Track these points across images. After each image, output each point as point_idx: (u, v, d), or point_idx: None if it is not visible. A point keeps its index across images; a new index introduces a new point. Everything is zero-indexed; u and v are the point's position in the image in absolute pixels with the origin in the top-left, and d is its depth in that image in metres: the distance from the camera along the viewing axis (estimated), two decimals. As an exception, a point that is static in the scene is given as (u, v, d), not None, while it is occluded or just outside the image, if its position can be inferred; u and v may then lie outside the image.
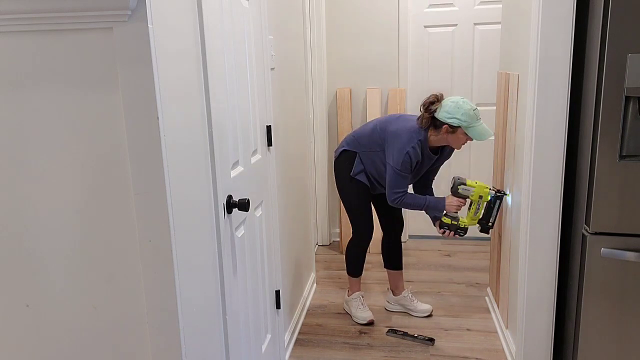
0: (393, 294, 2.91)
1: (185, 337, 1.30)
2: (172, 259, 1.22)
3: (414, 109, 3.85)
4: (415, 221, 4.01)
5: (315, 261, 3.52)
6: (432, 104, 2.41)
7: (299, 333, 2.72)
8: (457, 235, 2.55)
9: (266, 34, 2.07)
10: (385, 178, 2.55)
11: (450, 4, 3.66)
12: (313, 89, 3.66)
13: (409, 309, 2.86)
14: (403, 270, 2.92)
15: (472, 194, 2.47)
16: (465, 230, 2.55)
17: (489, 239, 3.51)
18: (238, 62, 1.75)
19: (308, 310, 2.97)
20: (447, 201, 2.51)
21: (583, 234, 1.88)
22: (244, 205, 1.63)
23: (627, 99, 1.72)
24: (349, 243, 2.82)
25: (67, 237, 1.24)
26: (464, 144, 2.44)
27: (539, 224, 2.03)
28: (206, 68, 1.45)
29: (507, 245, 2.48)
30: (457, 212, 2.53)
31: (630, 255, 1.80)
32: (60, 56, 1.14)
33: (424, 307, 2.85)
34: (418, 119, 2.47)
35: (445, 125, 2.37)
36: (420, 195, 2.54)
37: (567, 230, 2.05)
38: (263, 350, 2.07)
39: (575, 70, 1.93)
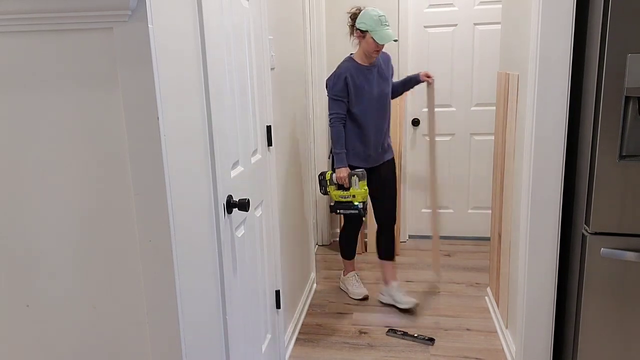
0: (385, 284, 3.00)
1: (185, 337, 1.30)
2: (172, 259, 1.22)
3: (414, 109, 3.85)
4: (416, 221, 4.02)
5: (315, 261, 3.52)
6: (355, 13, 2.69)
7: (299, 333, 2.72)
8: (320, 190, 2.84)
9: (266, 34, 2.07)
10: (366, 128, 2.74)
11: (450, 4, 3.66)
12: (313, 89, 3.66)
13: (395, 300, 2.91)
14: (395, 263, 3.09)
15: (353, 188, 2.71)
16: (325, 192, 2.82)
17: (489, 238, 3.51)
18: (238, 62, 1.75)
19: (308, 310, 2.97)
20: (340, 170, 2.71)
21: (583, 234, 1.88)
22: (244, 205, 1.63)
23: (627, 99, 1.72)
24: (341, 229, 3.06)
25: (67, 237, 1.24)
26: (375, 51, 2.64)
27: (539, 224, 2.03)
28: (206, 68, 1.45)
29: (507, 245, 2.48)
30: (337, 182, 2.74)
31: (630, 255, 1.80)
32: (60, 56, 1.14)
33: (407, 298, 2.88)
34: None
35: (357, 31, 2.66)
36: (343, 142, 2.71)
37: (567, 230, 2.05)
38: (263, 350, 2.07)
39: (575, 70, 1.93)
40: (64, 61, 1.15)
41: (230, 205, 1.63)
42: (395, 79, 3.44)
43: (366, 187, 2.71)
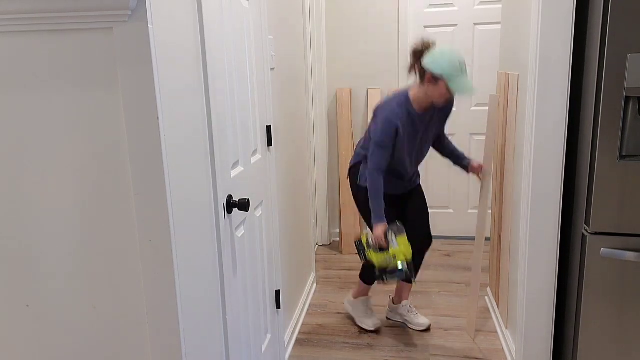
0: (393, 302, 2.80)
1: (185, 337, 1.30)
2: (172, 259, 1.22)
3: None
4: (415, 221, 4.01)
5: (315, 261, 3.52)
6: (421, 52, 2.29)
7: (299, 333, 2.72)
8: (360, 258, 2.46)
9: (266, 34, 2.07)
10: (398, 164, 2.39)
11: (450, 4, 3.66)
12: (313, 89, 3.66)
13: (406, 320, 2.75)
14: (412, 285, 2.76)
15: (391, 247, 2.31)
16: (365, 259, 2.42)
17: (489, 238, 3.51)
18: (238, 62, 1.75)
19: (308, 310, 2.97)
20: (376, 227, 2.34)
21: (583, 234, 1.88)
22: (244, 205, 1.63)
23: (627, 99, 1.72)
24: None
25: (67, 237, 1.24)
26: (445, 100, 2.27)
27: (539, 224, 2.02)
28: (206, 68, 1.45)
29: (507, 245, 2.48)
30: (374, 242, 2.36)
31: (630, 255, 1.80)
32: (60, 56, 1.14)
33: (422, 320, 2.72)
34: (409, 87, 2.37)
35: (428, 74, 2.23)
36: (380, 191, 2.32)
37: (567, 230, 2.05)
38: (263, 350, 2.07)
39: (575, 70, 1.93)
40: (64, 61, 1.15)
41: (230, 205, 1.63)
42: (393, 79, 3.39)
43: (407, 243, 2.31)
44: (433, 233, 4.01)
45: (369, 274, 2.65)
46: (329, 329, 2.76)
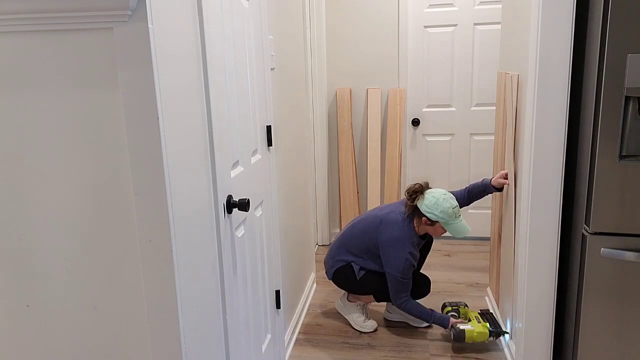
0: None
1: (185, 337, 1.30)
2: (172, 259, 1.22)
3: (414, 109, 3.85)
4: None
5: (315, 261, 3.52)
6: (415, 192, 2.50)
7: (299, 333, 2.72)
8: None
9: (266, 34, 2.07)
10: (391, 277, 2.52)
11: (450, 4, 3.66)
12: (313, 89, 3.66)
13: (407, 319, 2.77)
14: None
15: (469, 327, 2.45)
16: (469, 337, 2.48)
17: (489, 238, 3.51)
18: (238, 62, 1.75)
19: (308, 310, 2.97)
20: (451, 320, 2.51)
21: (583, 234, 1.88)
22: (244, 205, 1.63)
23: (627, 99, 1.72)
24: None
25: (67, 237, 1.24)
26: (440, 235, 2.53)
27: (539, 224, 2.02)
28: (206, 68, 1.45)
29: (507, 245, 2.48)
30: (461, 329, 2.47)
31: (630, 255, 1.80)
32: (60, 56, 1.14)
33: None
34: (404, 206, 2.55)
35: (424, 218, 2.47)
36: (426, 308, 2.53)
37: (567, 230, 2.05)
38: (263, 350, 2.07)
39: (575, 70, 1.93)
40: (64, 61, 1.15)
41: (230, 205, 1.63)
42: (393, 79, 3.40)
43: (474, 325, 2.46)
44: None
45: (383, 296, 2.67)
46: (329, 329, 2.76)
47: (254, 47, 1.93)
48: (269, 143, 2.14)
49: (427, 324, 2.73)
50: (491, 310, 2.85)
